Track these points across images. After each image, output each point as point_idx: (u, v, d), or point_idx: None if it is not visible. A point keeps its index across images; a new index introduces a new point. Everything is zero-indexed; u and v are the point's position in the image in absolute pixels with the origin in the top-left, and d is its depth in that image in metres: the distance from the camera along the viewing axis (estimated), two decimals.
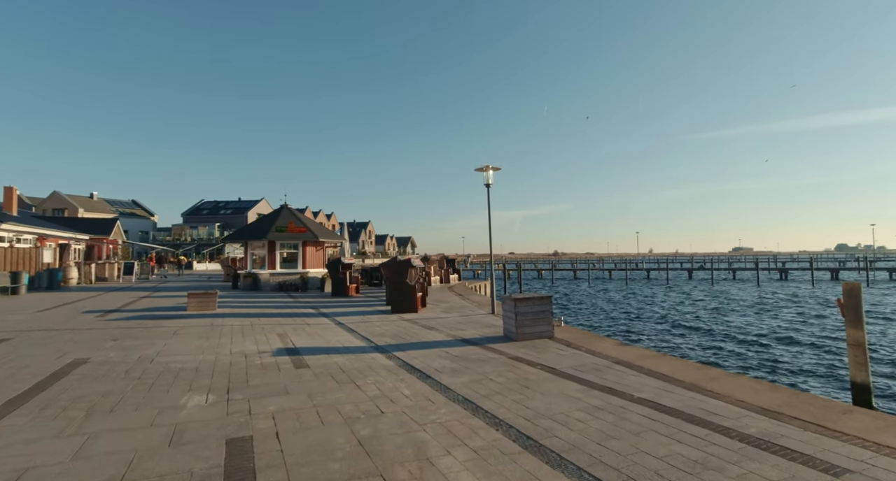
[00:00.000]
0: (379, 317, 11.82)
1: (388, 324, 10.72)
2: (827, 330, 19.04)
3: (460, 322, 10.81)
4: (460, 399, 5.06)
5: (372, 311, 13.14)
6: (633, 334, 19.43)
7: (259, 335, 9.12)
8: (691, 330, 19.91)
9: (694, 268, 52.30)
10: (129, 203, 72.08)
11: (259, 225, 21.56)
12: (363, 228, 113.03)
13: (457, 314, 12.29)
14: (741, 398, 4.70)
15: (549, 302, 8.47)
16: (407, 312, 12.74)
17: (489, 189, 12.34)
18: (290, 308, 14.07)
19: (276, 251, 20.94)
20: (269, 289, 20.66)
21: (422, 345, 8.14)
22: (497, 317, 11.40)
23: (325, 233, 22.83)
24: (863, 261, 52.74)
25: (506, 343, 8.14)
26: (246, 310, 13.47)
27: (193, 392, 5.18)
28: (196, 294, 12.73)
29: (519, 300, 8.28)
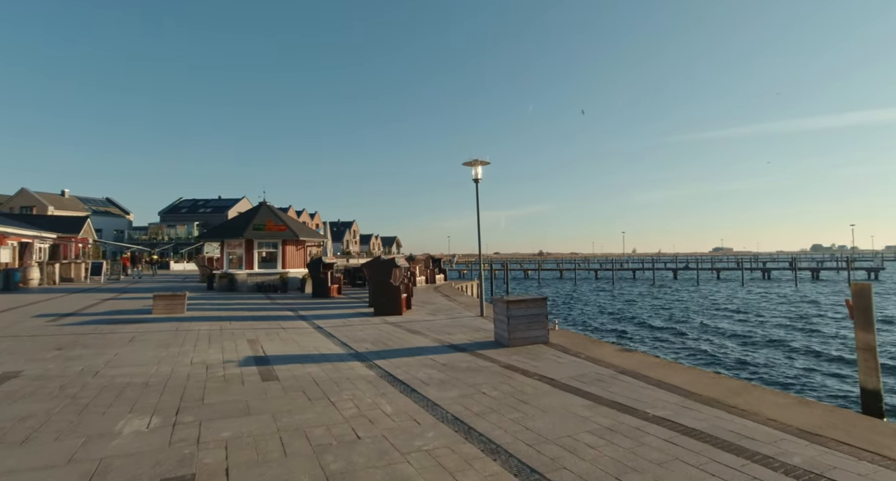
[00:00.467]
0: (361, 320, 11.08)
1: (370, 327, 9.99)
2: (824, 332, 18.75)
3: (447, 325, 10.13)
4: (450, 418, 4.38)
5: (354, 314, 12.38)
6: (627, 336, 18.84)
7: (227, 341, 8.30)
8: (685, 333, 19.42)
9: (679, 268, 52.54)
10: (102, 201, 69.65)
11: (236, 223, 20.57)
12: (347, 228, 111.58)
13: (444, 316, 11.61)
14: (772, 416, 4.12)
15: (544, 304, 7.85)
16: (391, 315, 12.02)
17: (478, 184, 11.69)
18: (266, 310, 13.22)
19: (254, 250, 19.98)
20: (247, 290, 19.69)
21: (406, 351, 7.44)
22: (486, 320, 10.76)
23: (306, 231, 21.93)
24: (843, 261, 53.65)
25: (497, 349, 7.49)
26: (218, 312, 12.57)
27: (135, 414, 4.39)
28: (163, 296, 11.79)
29: (511, 302, 7.64)
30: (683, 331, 19.39)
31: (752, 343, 16.67)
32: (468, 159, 11.51)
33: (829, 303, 28.06)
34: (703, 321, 22.02)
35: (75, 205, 61.29)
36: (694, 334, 18.66)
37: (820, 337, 17.71)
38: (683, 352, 15.46)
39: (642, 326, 21.32)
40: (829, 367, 13.08)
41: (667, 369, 5.85)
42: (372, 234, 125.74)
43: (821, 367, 13.11)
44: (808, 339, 17.16)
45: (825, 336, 17.85)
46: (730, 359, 14.22)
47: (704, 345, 16.29)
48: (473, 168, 11.68)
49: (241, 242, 19.90)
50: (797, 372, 12.68)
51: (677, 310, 26.15)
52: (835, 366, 13.15)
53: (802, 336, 17.96)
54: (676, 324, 21.08)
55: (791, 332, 18.79)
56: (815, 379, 11.89)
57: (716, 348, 15.76)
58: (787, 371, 12.81)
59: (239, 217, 20.88)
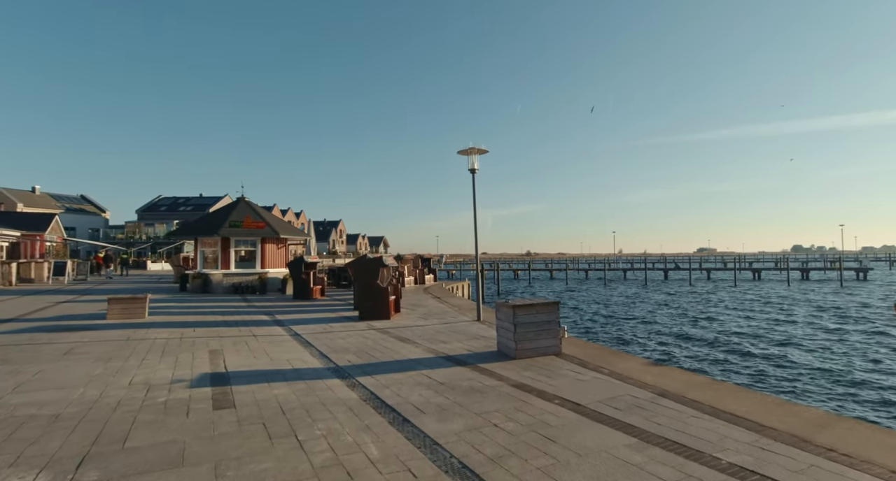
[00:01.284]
0: (344, 326, 9.89)
1: (354, 334, 8.81)
2: (843, 336, 17.71)
3: (441, 331, 9.01)
4: (456, 466, 3.26)
5: (337, 318, 11.18)
6: (634, 342, 17.71)
7: (185, 353, 7.05)
8: (693, 337, 18.23)
9: (669, 268, 52.13)
10: (77, 198, 66.96)
11: (211, 219, 19.15)
12: (334, 227, 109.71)
13: (436, 321, 10.49)
14: (892, 465, 3.08)
15: (556, 310, 6.77)
16: (378, 319, 10.85)
17: (475, 176, 10.59)
18: (239, 314, 11.93)
19: (231, 249, 18.59)
20: (222, 291, 18.30)
21: (395, 365, 6.29)
22: (484, 326, 9.66)
23: (287, 229, 20.60)
24: (830, 262, 53.82)
25: (503, 362, 6.39)
26: (184, 317, 11.26)
27: (18, 467, 3.18)
28: (119, 299, 10.45)
29: (519, 307, 6.55)
30: (689, 335, 18.38)
31: (767, 349, 15.60)
32: (464, 149, 10.41)
33: (858, 304, 27.14)
34: (716, 326, 20.96)
35: (47, 202, 58.73)
36: (699, 343, 17.58)
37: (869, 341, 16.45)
38: (705, 361, 14.31)
39: (657, 333, 20.22)
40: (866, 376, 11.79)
41: (717, 391, 4.81)
42: (359, 234, 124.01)
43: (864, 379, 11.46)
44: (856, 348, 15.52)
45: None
46: (768, 374, 12.47)
47: (720, 353, 15.12)
48: (470, 157, 10.58)
49: (217, 240, 18.50)
50: (879, 394, 10.57)
51: (668, 316, 25.19)
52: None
53: (844, 344, 16.20)
54: (688, 328, 20.03)
55: (834, 338, 17.39)
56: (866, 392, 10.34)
57: (734, 357, 14.52)
58: (867, 393, 10.62)
59: (215, 213, 19.48)
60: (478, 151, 10.48)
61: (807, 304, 27.38)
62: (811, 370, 12.98)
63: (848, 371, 12.68)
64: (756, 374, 12.69)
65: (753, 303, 28.10)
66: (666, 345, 17.32)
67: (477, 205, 10.72)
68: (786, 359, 14.21)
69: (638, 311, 25.94)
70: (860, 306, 26.38)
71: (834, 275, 50.29)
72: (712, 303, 28.16)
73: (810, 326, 20.14)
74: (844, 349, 15.58)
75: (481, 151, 10.47)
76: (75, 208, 63.40)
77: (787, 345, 16.50)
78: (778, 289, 37.51)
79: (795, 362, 13.80)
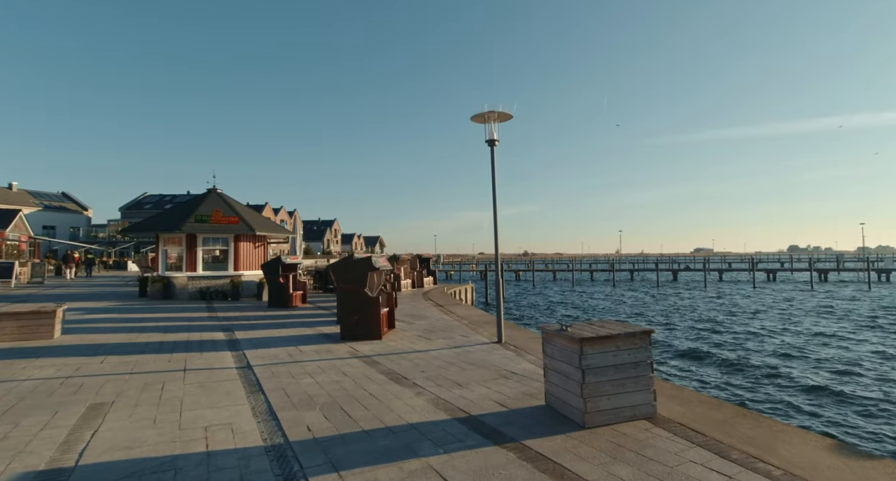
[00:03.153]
0: (320, 350, 7.28)
1: (329, 367, 6.20)
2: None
3: (453, 363, 6.40)
4: None
5: (312, 337, 8.56)
6: (702, 372, 12.89)
7: (33, 417, 4.40)
8: (785, 372, 12.38)
9: (679, 269, 49.66)
10: (57, 196, 63.92)
11: (174, 213, 16.47)
12: (328, 227, 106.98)
13: (443, 342, 7.88)
14: None
15: (647, 343, 4.17)
16: (365, 339, 8.25)
17: (494, 148, 7.99)
18: (189, 330, 9.29)
19: (198, 247, 15.94)
20: (187, 297, 15.64)
21: (385, 439, 3.69)
22: (510, 352, 7.06)
23: (266, 225, 17.94)
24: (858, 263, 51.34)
25: (564, 434, 3.79)
26: (110, 335, 8.61)
27: None
28: (16, 314, 7.77)
29: (591, 342, 3.95)
30: (778, 369, 12.61)
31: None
32: (479, 113, 7.79)
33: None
34: (762, 337, 17.00)
35: (24, 199, 55.71)
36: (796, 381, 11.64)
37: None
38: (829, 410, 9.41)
39: (694, 344, 16.43)
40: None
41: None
42: (354, 234, 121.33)
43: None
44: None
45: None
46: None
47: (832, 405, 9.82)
48: (487, 125, 7.98)
49: (181, 238, 15.84)
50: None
51: (729, 323, 20.76)
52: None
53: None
54: (741, 354, 14.63)
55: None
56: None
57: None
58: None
59: (179, 206, 16.81)
60: (498, 117, 7.88)
61: (852, 312, 24.19)
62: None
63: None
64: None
65: (795, 313, 23.96)
66: (756, 382, 11.84)
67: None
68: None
69: (676, 320, 22.07)
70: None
71: (849, 276, 48.10)
72: (745, 310, 24.84)
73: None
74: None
75: (503, 116, 7.87)
76: (55, 206, 60.40)
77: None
78: (804, 292, 35.00)
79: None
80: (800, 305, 26.96)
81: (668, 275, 49.68)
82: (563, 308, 28.11)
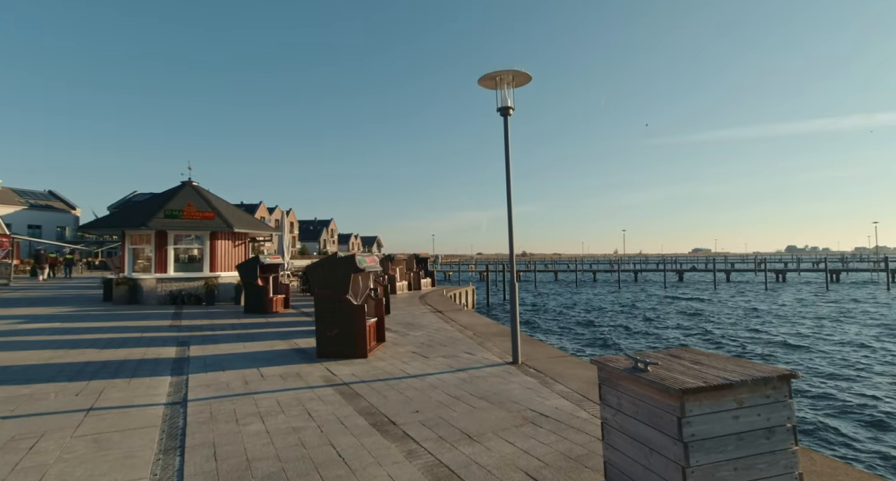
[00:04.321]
0: (286, 374, 5.65)
1: (291, 402, 4.58)
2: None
3: (458, 397, 4.79)
4: None
5: (284, 353, 6.94)
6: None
7: None
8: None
9: (685, 270, 48.09)
10: (44, 194, 62.12)
11: (142, 208, 14.81)
12: (325, 226, 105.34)
13: (443, 361, 6.26)
14: None
15: (787, 392, 2.55)
16: (346, 358, 6.65)
17: (508, 119, 6.37)
18: (131, 346, 7.64)
19: (169, 246, 14.29)
20: (156, 301, 13.99)
21: None
22: (532, 380, 5.45)
23: (246, 221, 16.29)
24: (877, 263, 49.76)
25: None
26: (21, 354, 6.96)
27: None
28: None
29: (694, 394, 2.33)
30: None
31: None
32: (489, 73, 6.17)
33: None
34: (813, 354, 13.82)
35: (8, 197, 53.97)
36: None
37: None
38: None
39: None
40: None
41: None
42: (351, 234, 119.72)
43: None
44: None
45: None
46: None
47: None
48: (499, 91, 6.36)
49: (149, 235, 14.18)
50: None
51: (768, 333, 17.61)
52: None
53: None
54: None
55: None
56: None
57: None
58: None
59: (148, 200, 15.14)
60: (513, 79, 6.26)
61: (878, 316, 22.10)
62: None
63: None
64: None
65: (827, 317, 21.40)
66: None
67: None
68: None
69: (744, 334, 18.39)
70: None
71: (860, 277, 46.77)
72: (771, 317, 22.02)
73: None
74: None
75: (520, 79, 6.24)
76: (42, 205, 58.61)
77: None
78: (823, 294, 33.41)
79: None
80: (876, 310, 24.23)
81: (672, 276, 48.15)
82: (575, 311, 26.27)
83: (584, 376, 5.49)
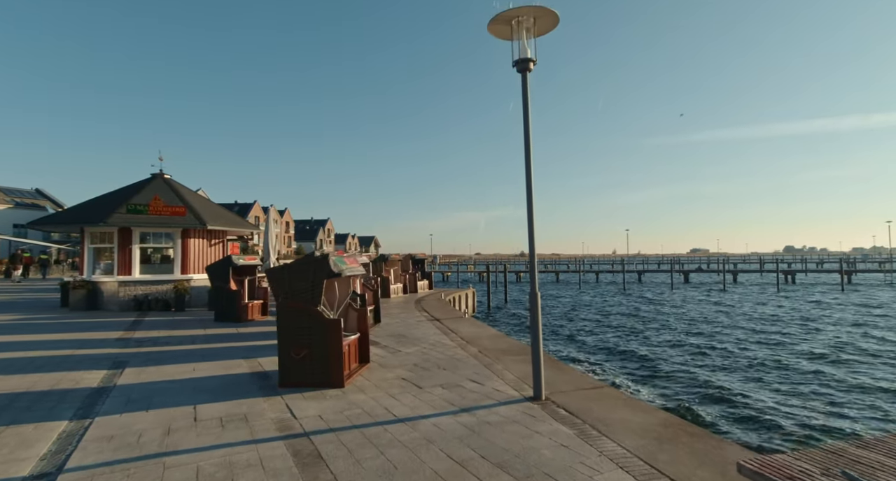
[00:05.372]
0: (228, 416, 4.10)
1: (219, 474, 3.04)
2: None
3: (465, 460, 3.23)
4: None
5: (239, 379, 5.40)
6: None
7: None
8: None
9: (690, 270, 46.57)
10: (31, 192, 60.20)
11: (104, 202, 13.24)
12: (321, 226, 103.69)
13: (442, 395, 4.72)
14: None
15: None
16: (317, 387, 5.12)
17: (527, 75, 4.84)
18: (46, 369, 6.09)
19: (133, 245, 12.73)
20: (118, 307, 12.43)
21: None
22: (566, 428, 3.91)
23: (222, 217, 14.73)
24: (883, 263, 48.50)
25: None
26: None
27: None
28: None
29: None
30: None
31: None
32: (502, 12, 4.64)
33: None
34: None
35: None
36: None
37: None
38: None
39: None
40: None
41: None
42: (348, 234, 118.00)
43: None
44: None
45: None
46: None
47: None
48: (518, 42, 4.83)
49: (112, 232, 12.63)
50: None
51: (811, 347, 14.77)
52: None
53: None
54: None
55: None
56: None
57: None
58: None
59: (114, 194, 13.57)
60: (535, 23, 4.73)
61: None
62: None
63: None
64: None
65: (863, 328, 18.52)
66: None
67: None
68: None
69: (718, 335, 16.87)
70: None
71: (875, 277, 45.44)
72: (798, 321, 19.79)
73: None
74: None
75: (544, 23, 4.71)
76: (27, 203, 56.74)
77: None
78: (845, 296, 31.76)
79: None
80: (816, 308, 22.69)
81: (678, 276, 46.66)
82: (584, 311, 24.51)
83: (638, 424, 3.97)
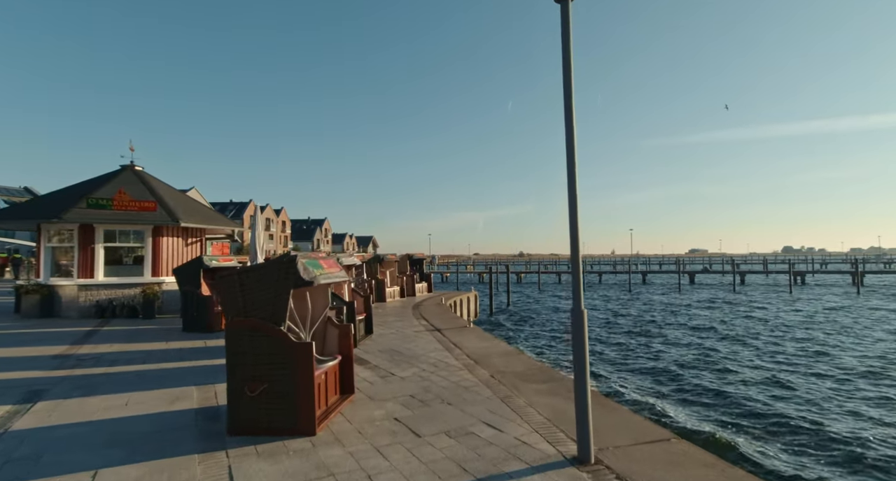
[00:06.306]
0: None
1: None
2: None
3: None
4: None
5: (179, 419, 4.00)
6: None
7: None
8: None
9: (696, 271, 45.38)
10: (18, 191, 58.70)
11: (62, 195, 11.83)
12: (318, 226, 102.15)
13: (446, 444, 3.33)
14: None
15: None
16: (276, 435, 3.72)
17: (569, 5, 3.48)
18: None
19: (97, 244, 11.33)
20: (78, 314, 11.04)
21: None
22: None
23: (198, 213, 13.33)
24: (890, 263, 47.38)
25: None
26: None
27: None
28: None
29: None
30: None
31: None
32: None
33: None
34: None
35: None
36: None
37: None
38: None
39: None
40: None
41: None
42: (346, 233, 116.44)
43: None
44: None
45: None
46: None
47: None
48: None
49: (71, 230, 11.23)
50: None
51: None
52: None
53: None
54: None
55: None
56: None
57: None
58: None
59: (76, 187, 12.15)
60: None
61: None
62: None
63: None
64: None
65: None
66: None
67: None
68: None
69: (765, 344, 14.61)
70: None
71: (889, 279, 44.27)
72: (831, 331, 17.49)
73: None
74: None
75: None
76: (15, 202, 55.26)
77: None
78: (860, 299, 30.44)
79: None
80: (841, 315, 20.79)
81: (683, 276, 45.39)
82: (602, 313, 22.83)
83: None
